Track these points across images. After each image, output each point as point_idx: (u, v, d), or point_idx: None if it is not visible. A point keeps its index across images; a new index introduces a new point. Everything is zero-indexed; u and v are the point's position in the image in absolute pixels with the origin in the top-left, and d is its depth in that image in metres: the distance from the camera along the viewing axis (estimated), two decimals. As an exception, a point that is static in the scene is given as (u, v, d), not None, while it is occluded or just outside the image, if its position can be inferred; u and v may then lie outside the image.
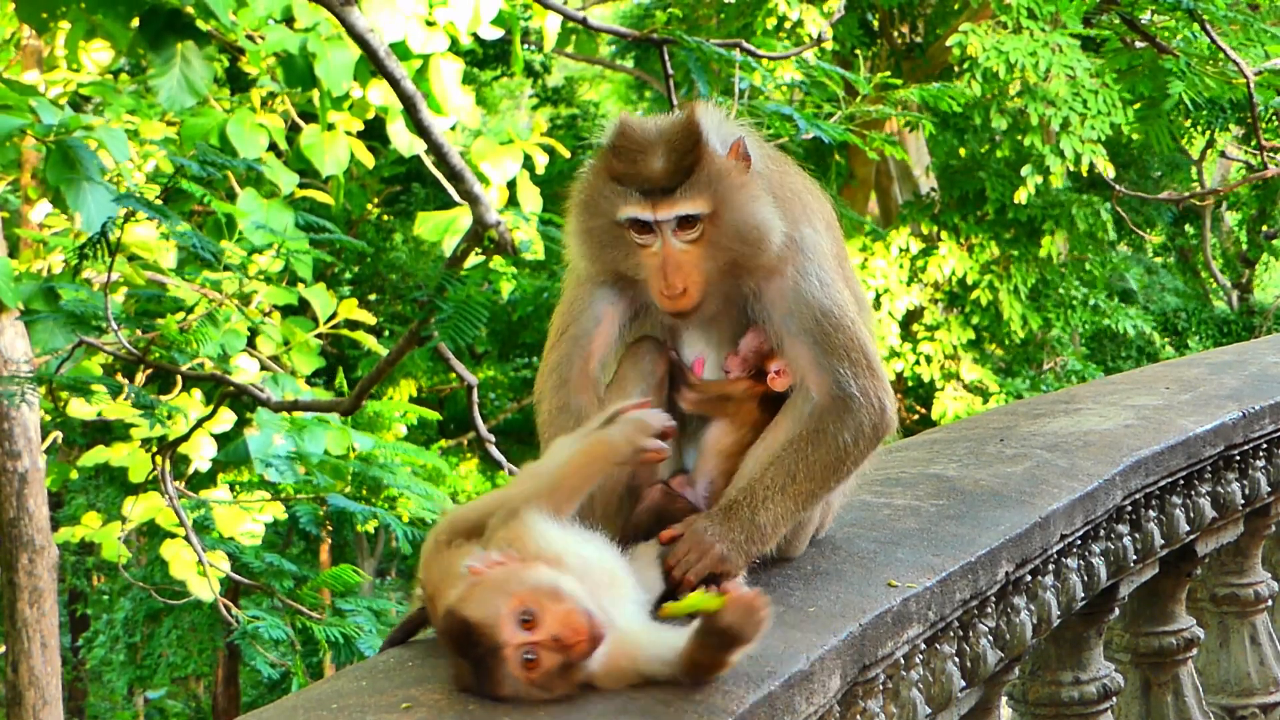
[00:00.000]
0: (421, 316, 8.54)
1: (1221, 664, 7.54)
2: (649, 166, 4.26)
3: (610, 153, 4.33)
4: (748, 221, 4.30)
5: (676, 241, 4.27)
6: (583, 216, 4.41)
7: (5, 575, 13.62)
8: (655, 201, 4.23)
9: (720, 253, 4.30)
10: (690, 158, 4.26)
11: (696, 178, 4.25)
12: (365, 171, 18.83)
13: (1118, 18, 12.50)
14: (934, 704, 4.62)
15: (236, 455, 14.11)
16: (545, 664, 3.42)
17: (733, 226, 4.29)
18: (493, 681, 3.45)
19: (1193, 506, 6.54)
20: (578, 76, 35.45)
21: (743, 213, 4.30)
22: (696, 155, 4.26)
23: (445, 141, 9.05)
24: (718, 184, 4.27)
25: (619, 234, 4.32)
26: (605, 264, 4.39)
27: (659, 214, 4.24)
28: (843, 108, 10.39)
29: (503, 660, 3.44)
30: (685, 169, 4.25)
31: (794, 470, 4.32)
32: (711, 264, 4.30)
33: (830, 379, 4.36)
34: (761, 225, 4.31)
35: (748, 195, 4.32)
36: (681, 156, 4.27)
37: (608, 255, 4.37)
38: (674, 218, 4.25)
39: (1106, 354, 29.59)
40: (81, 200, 10.89)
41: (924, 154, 28.35)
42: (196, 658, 27.53)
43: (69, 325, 11.17)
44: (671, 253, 4.27)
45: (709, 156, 4.28)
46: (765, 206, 4.33)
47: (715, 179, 4.27)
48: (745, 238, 4.30)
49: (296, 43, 13.38)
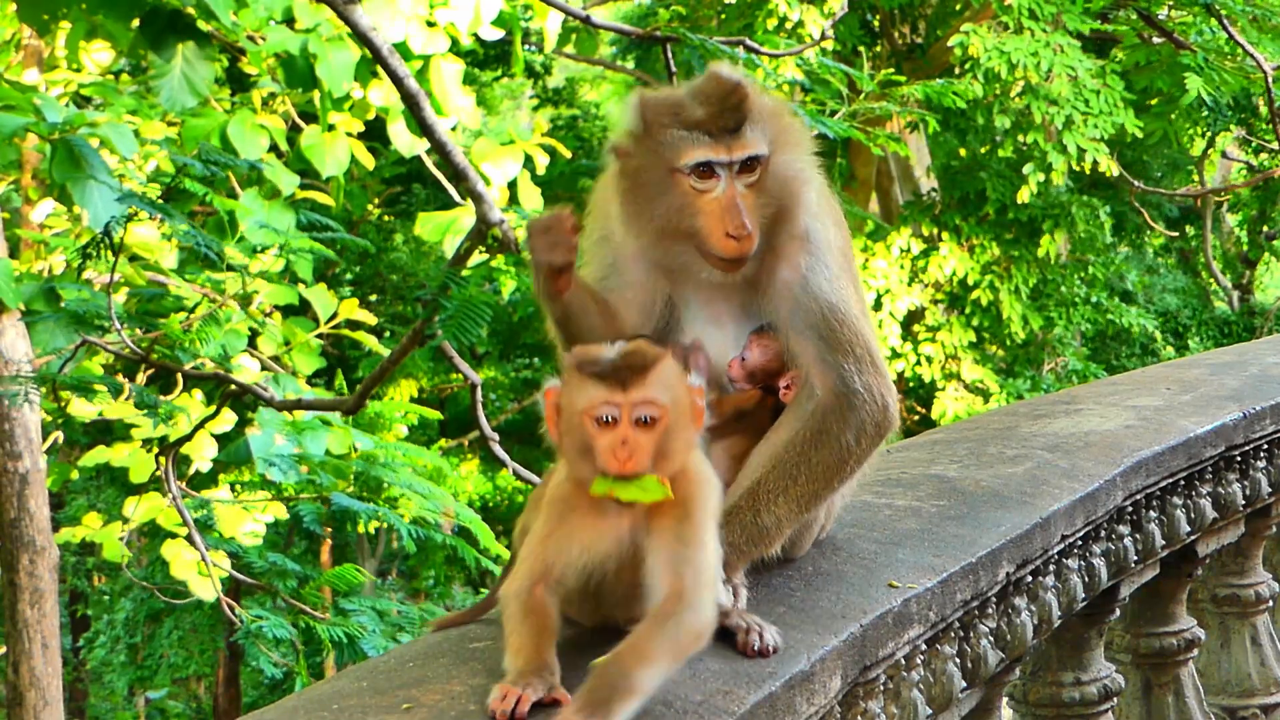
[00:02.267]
0: (425, 315, 8.54)
1: (1222, 665, 7.54)
2: (710, 111, 4.25)
3: (660, 110, 4.30)
4: (794, 166, 4.32)
5: (739, 183, 4.25)
6: (627, 184, 4.35)
7: (6, 576, 13.62)
8: (727, 143, 4.22)
9: (769, 201, 4.29)
10: (739, 98, 4.26)
11: (753, 117, 4.25)
12: (366, 172, 18.83)
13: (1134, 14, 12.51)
14: (935, 705, 4.63)
15: (238, 455, 14.12)
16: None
17: (781, 172, 4.29)
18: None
19: (1193, 507, 6.54)
20: (579, 77, 35.44)
21: (790, 156, 4.32)
22: (743, 94, 4.26)
23: (448, 140, 9.06)
24: (771, 123, 4.29)
25: (673, 184, 4.27)
26: (655, 221, 4.32)
27: (733, 154, 4.23)
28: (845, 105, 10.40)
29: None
30: (741, 111, 4.25)
31: (796, 472, 4.31)
32: (764, 211, 4.29)
33: (834, 375, 4.35)
34: (805, 175, 4.34)
35: (795, 138, 4.36)
36: (733, 100, 4.27)
37: (658, 209, 4.30)
38: (744, 158, 4.24)
39: (1108, 354, 29.59)
40: (87, 197, 10.90)
41: (925, 154, 28.34)
42: (197, 658, 27.54)
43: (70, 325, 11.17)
44: (735, 193, 4.24)
45: (756, 95, 4.30)
46: (806, 153, 4.36)
47: (768, 118, 4.29)
48: (790, 188, 4.30)
49: (297, 43, 13.39)
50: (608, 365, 3.62)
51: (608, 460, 3.57)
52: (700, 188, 4.25)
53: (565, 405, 3.66)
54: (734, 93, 4.27)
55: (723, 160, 4.23)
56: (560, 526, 3.68)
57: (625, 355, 3.64)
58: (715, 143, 4.23)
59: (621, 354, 3.64)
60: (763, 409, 4.49)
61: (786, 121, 4.36)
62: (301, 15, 13.56)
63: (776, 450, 4.35)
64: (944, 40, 26.03)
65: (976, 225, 26.49)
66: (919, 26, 28.50)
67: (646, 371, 3.61)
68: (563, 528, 3.67)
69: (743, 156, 4.24)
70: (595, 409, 3.60)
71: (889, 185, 29.09)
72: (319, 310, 14.37)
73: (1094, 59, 22.78)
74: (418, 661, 3.79)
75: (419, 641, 4.11)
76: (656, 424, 3.60)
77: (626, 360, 3.62)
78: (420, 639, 4.14)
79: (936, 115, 14.29)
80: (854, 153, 27.36)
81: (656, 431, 3.59)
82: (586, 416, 3.60)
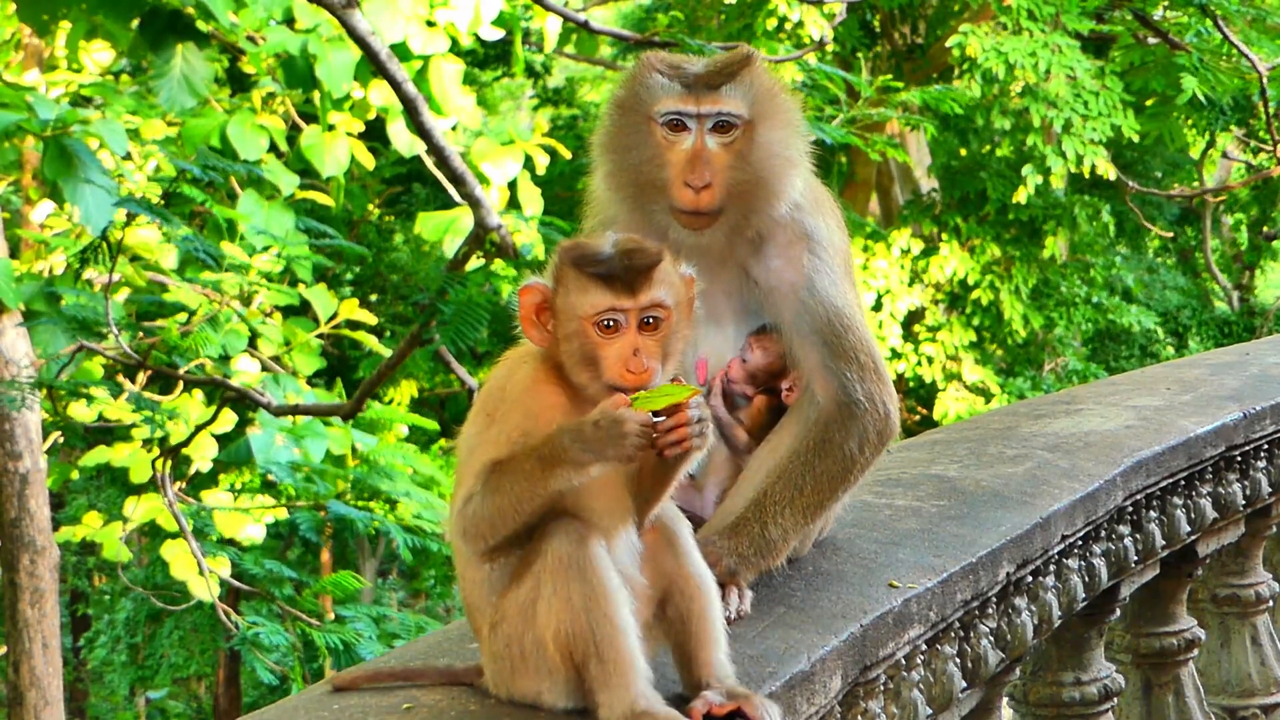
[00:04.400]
0: (423, 319, 8.55)
1: (1223, 665, 7.54)
2: (694, 65, 4.25)
3: (651, 59, 4.30)
4: (781, 144, 4.27)
5: (710, 140, 4.23)
6: (614, 115, 4.35)
7: (6, 576, 13.62)
8: (698, 96, 4.21)
9: (747, 169, 4.25)
10: (737, 64, 4.25)
11: (741, 80, 4.23)
12: (366, 172, 18.84)
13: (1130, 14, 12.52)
14: (935, 705, 4.62)
15: (238, 456, 14.13)
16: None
17: (766, 145, 4.25)
18: None
19: (1194, 507, 6.53)
20: (579, 77, 35.42)
21: (778, 133, 4.27)
22: (744, 62, 4.25)
23: (447, 144, 9.08)
24: (761, 95, 4.26)
25: (649, 134, 4.26)
26: (628, 173, 4.30)
27: (701, 107, 4.21)
28: (844, 109, 10.40)
29: None
30: (730, 73, 4.23)
31: (801, 483, 4.30)
32: (737, 175, 4.24)
33: (837, 383, 4.34)
34: (792, 157, 4.29)
35: (786, 119, 4.30)
36: (728, 63, 4.26)
37: (632, 158, 4.29)
38: (715, 113, 4.22)
39: (1108, 354, 29.58)
40: (79, 195, 10.91)
41: (925, 155, 28.34)
42: (198, 658, 27.51)
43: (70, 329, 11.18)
44: (702, 146, 4.22)
45: (758, 69, 4.27)
46: (799, 141, 4.32)
47: (759, 90, 4.26)
48: (772, 164, 4.26)
49: (297, 44, 13.41)
50: (614, 266, 3.42)
51: (618, 372, 3.40)
52: (670, 139, 4.24)
53: (562, 307, 3.44)
54: (733, 59, 4.27)
55: (690, 112, 4.21)
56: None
57: (629, 254, 3.43)
58: (687, 95, 4.21)
59: (624, 252, 3.44)
60: (762, 410, 4.48)
61: (780, 100, 4.31)
62: (301, 16, 13.57)
63: (780, 460, 4.34)
64: (943, 41, 26.03)
65: (977, 225, 26.49)
66: (919, 27, 28.49)
67: (652, 271, 3.43)
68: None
69: (712, 110, 4.21)
70: (601, 314, 3.40)
71: (889, 185, 29.08)
72: (319, 311, 14.39)
73: (1092, 59, 22.78)
74: (419, 661, 3.79)
75: (420, 641, 4.11)
76: (661, 325, 3.44)
77: (632, 260, 3.42)
78: (422, 638, 4.14)
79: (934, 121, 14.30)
80: (854, 154, 27.36)
81: (661, 334, 3.44)
82: (588, 322, 3.41)
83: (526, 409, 3.45)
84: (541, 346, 3.49)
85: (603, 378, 3.41)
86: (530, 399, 3.46)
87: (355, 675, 3.71)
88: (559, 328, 3.45)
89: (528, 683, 3.44)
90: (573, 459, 3.32)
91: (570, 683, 3.42)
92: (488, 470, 3.41)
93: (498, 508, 3.40)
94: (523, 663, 3.44)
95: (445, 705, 3.50)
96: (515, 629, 3.43)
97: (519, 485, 3.37)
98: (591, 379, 3.43)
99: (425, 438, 23.80)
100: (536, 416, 3.44)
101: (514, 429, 3.43)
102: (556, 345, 3.46)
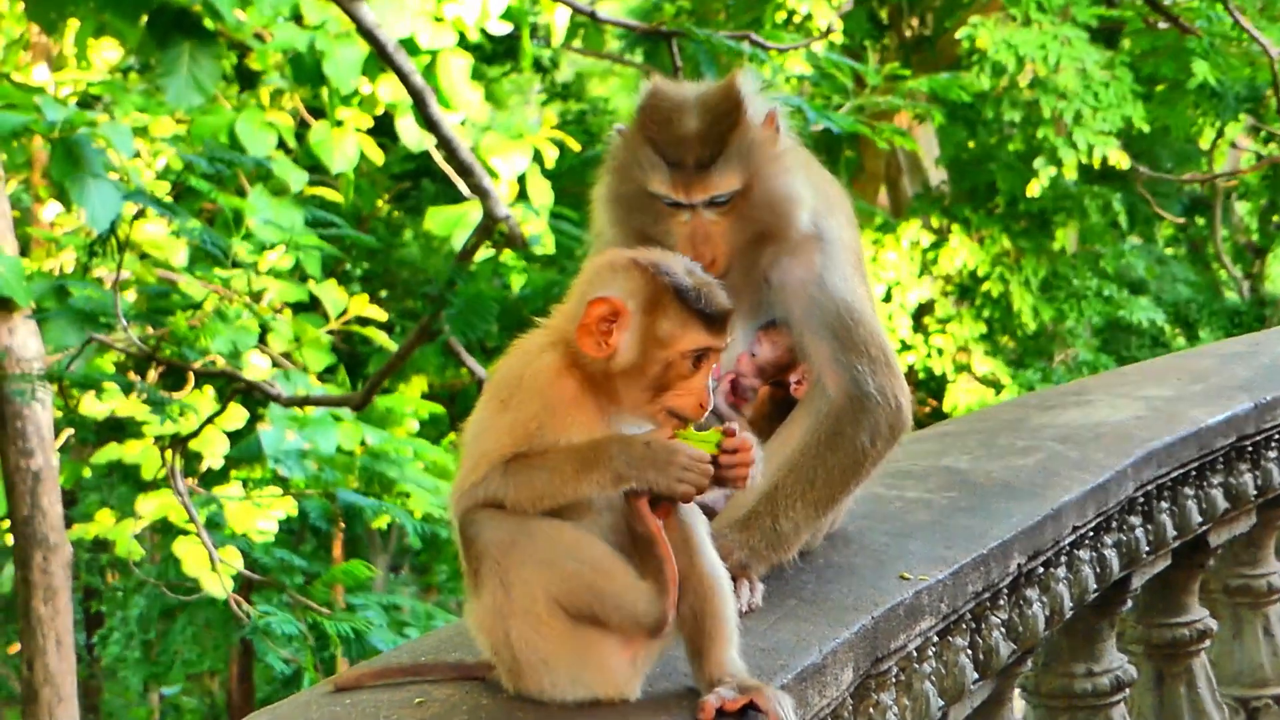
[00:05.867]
0: (431, 311, 8.56)
1: (1235, 655, 7.53)
2: (683, 142, 4.21)
3: (645, 121, 4.28)
4: (779, 194, 4.27)
5: (707, 214, 4.24)
6: (613, 181, 4.37)
7: (19, 573, 13.62)
8: (688, 182, 4.20)
9: (749, 224, 4.27)
10: (726, 129, 4.21)
11: (729, 153, 4.21)
12: (374, 168, 18.85)
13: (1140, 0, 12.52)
14: (947, 696, 4.62)
15: (249, 452, 14.14)
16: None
17: (764, 199, 4.26)
18: None
19: (1205, 498, 6.52)
20: (587, 72, 35.37)
21: (774, 184, 4.27)
22: (732, 125, 4.22)
23: (455, 135, 9.09)
24: (751, 157, 4.24)
25: (648, 201, 4.28)
26: (632, 229, 4.33)
27: (692, 197, 4.21)
28: (852, 100, 10.40)
29: None
30: (719, 145, 4.21)
31: (813, 476, 4.31)
32: (739, 235, 4.27)
33: (848, 377, 4.34)
34: (792, 198, 4.29)
35: (780, 168, 4.28)
36: (717, 131, 4.22)
37: (635, 220, 4.32)
38: (705, 200, 4.23)
39: (1118, 345, 29.52)
40: (86, 196, 10.90)
41: (934, 146, 28.30)
42: (211, 654, 27.55)
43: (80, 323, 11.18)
44: (701, 224, 4.24)
45: (744, 128, 4.23)
46: (797, 180, 4.31)
47: (749, 152, 4.24)
48: (775, 210, 4.27)
49: (305, 40, 13.41)
50: (714, 307, 3.44)
51: (688, 404, 3.43)
52: (669, 212, 4.27)
53: (653, 332, 3.44)
54: (717, 123, 4.22)
55: (683, 202, 4.23)
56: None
57: (716, 294, 3.46)
58: (678, 182, 4.20)
59: (712, 290, 3.46)
60: (765, 401, 4.49)
61: (773, 148, 4.29)
62: (309, 12, 13.57)
63: (791, 453, 4.35)
64: (952, 33, 26.00)
65: (986, 217, 26.46)
66: (927, 19, 28.45)
67: (732, 314, 3.48)
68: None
69: (704, 200, 4.23)
70: (699, 350, 3.44)
71: (898, 177, 29.03)
72: (329, 307, 14.40)
73: (1103, 49, 22.75)
74: (430, 655, 3.79)
75: (431, 635, 4.12)
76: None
77: (724, 301, 3.46)
78: (432, 632, 4.14)
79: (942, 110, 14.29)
80: (863, 145, 27.33)
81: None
82: (683, 355, 3.43)
83: (546, 401, 3.44)
84: (597, 357, 3.46)
85: (668, 405, 3.44)
86: (551, 391, 3.45)
87: (361, 673, 3.71)
88: (641, 349, 3.45)
89: (533, 678, 3.45)
90: (614, 471, 3.35)
91: (572, 670, 3.42)
92: (507, 461, 3.41)
93: (514, 501, 3.40)
94: (519, 662, 3.44)
95: (457, 700, 3.50)
96: (499, 632, 3.44)
97: (547, 481, 3.38)
98: (647, 401, 3.46)
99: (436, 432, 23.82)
100: (554, 409, 3.44)
101: (530, 419, 3.43)
102: (611, 357, 3.45)
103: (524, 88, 36.16)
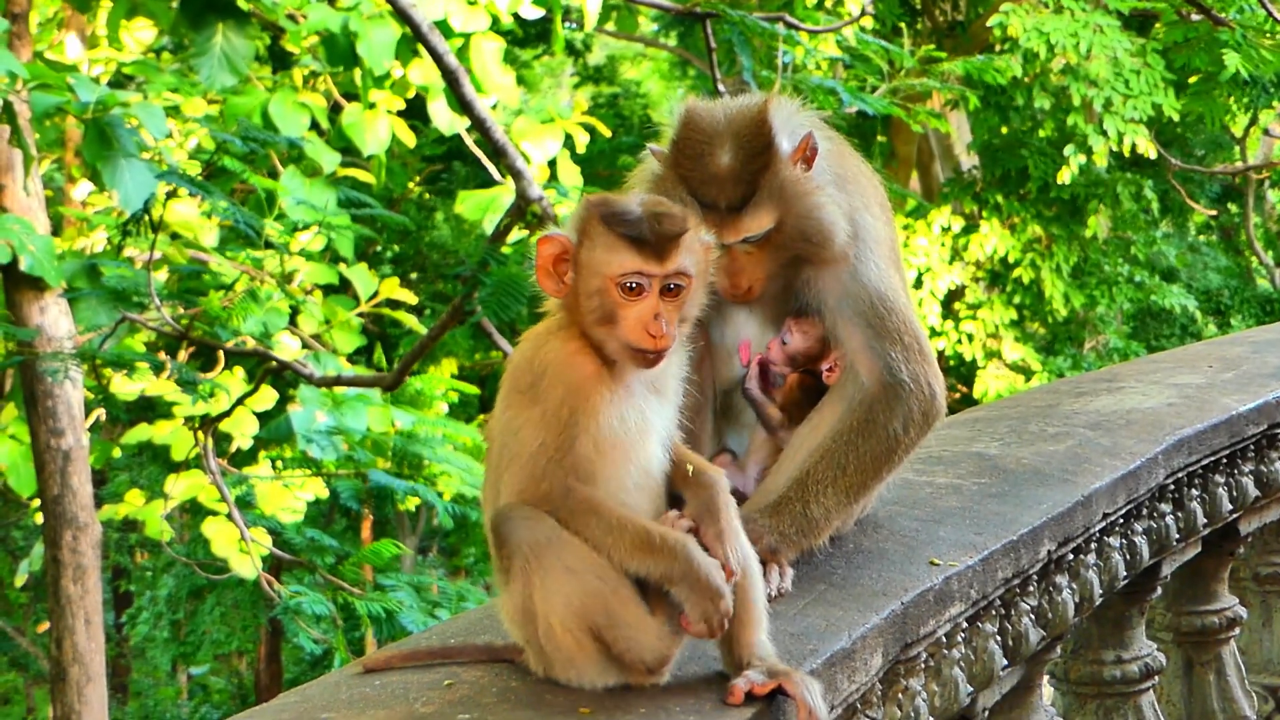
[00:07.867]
0: (464, 292, 8.55)
1: (1264, 643, 7.51)
2: (715, 182, 4.19)
3: (678, 158, 4.25)
4: (813, 226, 4.26)
5: (741, 247, 4.24)
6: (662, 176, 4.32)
7: (49, 552, 13.69)
8: (720, 223, 4.15)
9: (784, 253, 4.28)
10: (758, 169, 4.19)
11: (761, 195, 4.20)
12: (406, 150, 18.86)
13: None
14: (976, 682, 4.62)
15: (279, 433, 14.18)
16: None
17: (798, 231, 4.25)
18: None
19: (1235, 485, 6.51)
20: (619, 55, 35.36)
21: (809, 218, 4.25)
22: (764, 165, 4.19)
23: (488, 116, 9.08)
24: (783, 195, 4.22)
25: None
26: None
27: (724, 238, 4.16)
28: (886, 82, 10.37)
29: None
30: (751, 186, 4.19)
31: (845, 462, 4.31)
32: (775, 262, 4.28)
33: (881, 364, 4.34)
34: (827, 228, 4.27)
35: (814, 202, 4.26)
36: (749, 171, 4.19)
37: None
38: (739, 241, 4.22)
39: (1149, 333, 29.44)
40: (118, 177, 10.93)
41: (966, 131, 28.23)
42: (239, 634, 27.65)
43: (111, 302, 11.21)
44: (737, 256, 4.24)
45: (776, 167, 4.21)
46: (831, 209, 4.28)
47: (780, 191, 4.22)
48: (810, 239, 4.26)
49: (338, 21, 13.41)
50: (646, 230, 3.40)
51: (638, 335, 3.40)
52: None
53: (585, 262, 3.44)
54: (749, 162, 4.19)
55: (716, 243, 4.09)
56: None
57: (659, 218, 3.42)
58: (711, 221, 4.04)
59: (655, 215, 3.42)
60: (795, 387, 4.49)
61: (804, 186, 4.24)
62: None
63: (824, 440, 4.35)
64: (984, 19, 25.93)
65: (1018, 203, 26.40)
66: (960, 4, 28.37)
67: (680, 238, 3.43)
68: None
69: (736, 240, 4.21)
70: (627, 276, 3.41)
71: (930, 162, 28.98)
72: (360, 289, 14.42)
73: (1134, 37, 22.65)
74: (459, 638, 3.80)
75: (460, 617, 4.12)
76: (683, 293, 3.45)
77: (662, 225, 3.41)
78: (462, 614, 4.15)
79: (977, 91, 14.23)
80: (895, 130, 27.27)
81: (681, 300, 3.45)
82: (613, 282, 3.41)
83: (567, 383, 3.44)
84: (555, 297, 3.48)
85: (621, 338, 3.42)
86: (569, 371, 3.45)
87: (390, 655, 3.71)
88: (580, 282, 3.45)
89: (561, 669, 3.46)
90: (667, 572, 3.38)
91: (601, 661, 3.43)
92: (572, 496, 3.40)
93: (565, 523, 3.41)
94: (546, 654, 3.45)
95: (487, 682, 3.50)
96: (527, 626, 3.45)
97: (603, 535, 3.39)
98: (608, 336, 3.43)
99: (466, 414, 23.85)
100: (578, 389, 3.44)
101: (560, 406, 3.43)
102: (575, 301, 3.46)
103: (556, 71, 36.16)
